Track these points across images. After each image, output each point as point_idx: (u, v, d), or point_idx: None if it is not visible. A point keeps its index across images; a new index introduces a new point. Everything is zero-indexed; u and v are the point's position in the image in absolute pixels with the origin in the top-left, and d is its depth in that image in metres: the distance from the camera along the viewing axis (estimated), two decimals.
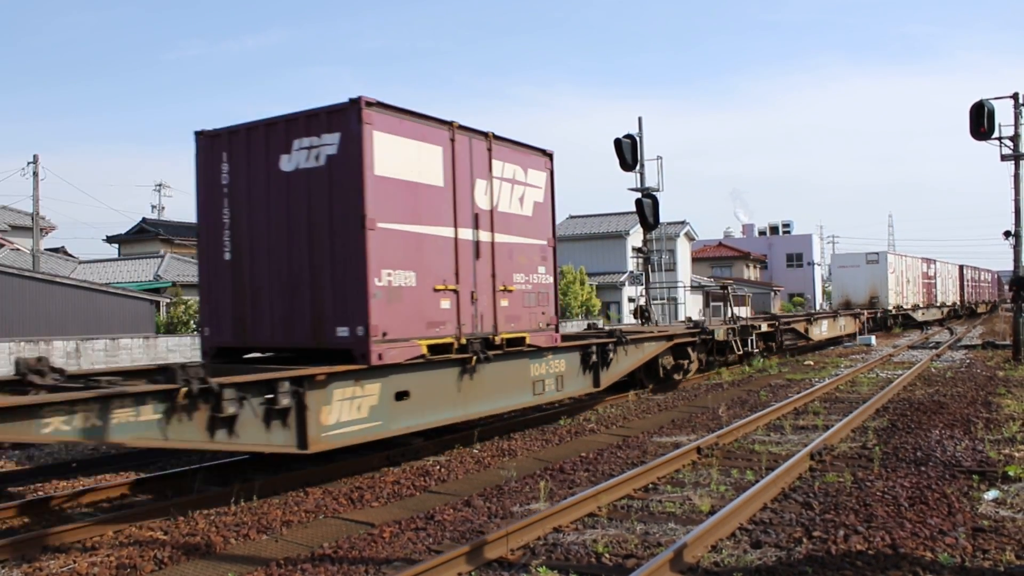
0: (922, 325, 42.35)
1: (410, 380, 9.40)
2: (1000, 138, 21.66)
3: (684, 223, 50.51)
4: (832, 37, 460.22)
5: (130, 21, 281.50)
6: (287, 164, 9.35)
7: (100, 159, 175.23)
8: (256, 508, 7.74)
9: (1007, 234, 22.25)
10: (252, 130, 9.66)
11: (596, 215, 49.80)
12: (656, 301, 26.81)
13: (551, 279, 12.14)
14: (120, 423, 6.79)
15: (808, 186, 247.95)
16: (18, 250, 38.51)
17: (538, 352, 11.72)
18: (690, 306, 45.29)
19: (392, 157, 9.15)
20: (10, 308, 22.77)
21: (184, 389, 7.14)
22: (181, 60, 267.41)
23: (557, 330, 12.16)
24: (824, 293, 75.51)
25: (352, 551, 6.31)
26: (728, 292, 22.46)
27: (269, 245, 9.50)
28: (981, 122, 21.10)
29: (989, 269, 75.02)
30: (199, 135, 10.10)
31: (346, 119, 8.90)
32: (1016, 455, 9.08)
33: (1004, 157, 21.86)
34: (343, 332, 8.88)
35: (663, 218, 22.42)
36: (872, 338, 30.76)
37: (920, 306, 43.79)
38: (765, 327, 22.69)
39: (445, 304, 9.87)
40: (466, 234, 10.30)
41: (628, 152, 21.41)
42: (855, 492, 7.62)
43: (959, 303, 55.69)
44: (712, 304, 49.21)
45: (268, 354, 10.45)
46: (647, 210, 20.91)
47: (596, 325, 17.93)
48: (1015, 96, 21.77)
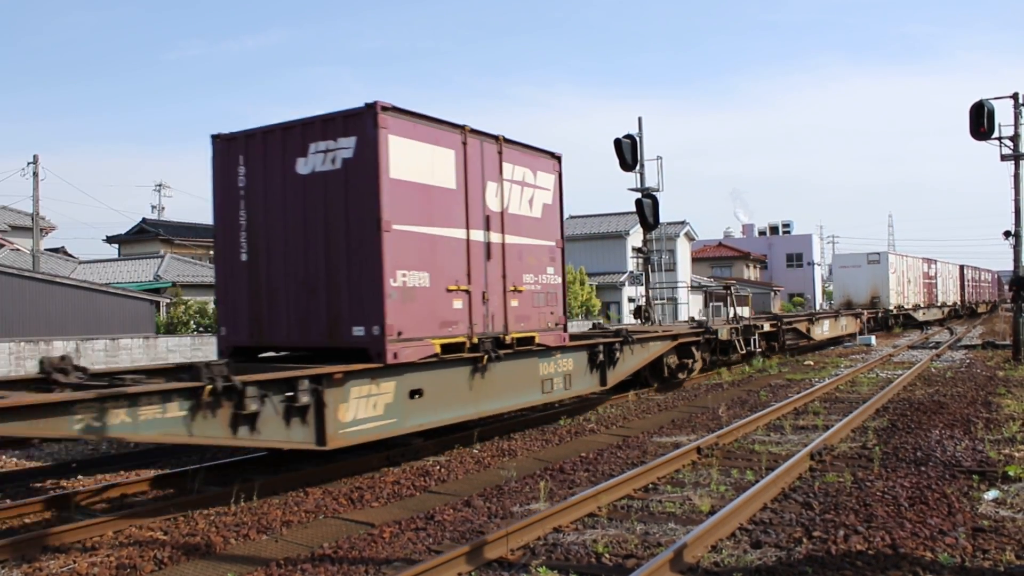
0: (923, 325, 42.37)
1: (424, 378, 9.57)
2: (1000, 138, 21.67)
3: (684, 223, 50.51)
4: (832, 37, 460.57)
5: (130, 21, 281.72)
6: (303, 167, 9.50)
7: (100, 159, 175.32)
8: (256, 508, 7.74)
9: (1007, 234, 22.26)
10: (268, 134, 9.80)
11: (596, 215, 49.78)
12: (656, 301, 26.81)
13: (559, 279, 12.32)
14: (147, 420, 6.95)
15: (808, 186, 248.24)
16: (18, 250, 38.51)
17: (547, 351, 11.85)
18: (690, 306, 45.28)
19: (406, 160, 9.31)
20: (10, 308, 22.77)
21: (209, 387, 7.28)
22: (181, 60, 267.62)
23: (565, 329, 12.29)
24: (824, 293, 75.51)
25: (352, 551, 6.31)
26: (731, 292, 22.62)
27: (285, 246, 9.65)
28: (981, 122, 21.10)
29: (989, 269, 75.13)
30: (215, 138, 10.26)
31: (362, 123, 9.05)
32: (1016, 455, 9.08)
33: (1004, 157, 21.86)
34: (359, 331, 9.04)
35: (663, 218, 22.44)
36: (872, 338, 30.76)
37: (921, 306, 43.83)
38: (768, 327, 22.85)
39: (457, 304, 10.03)
40: (478, 235, 10.48)
41: (628, 152, 21.42)
42: (855, 492, 7.62)
43: (960, 303, 55.76)
44: (712, 304, 49.33)
45: (282, 353, 10.58)
46: (647, 210, 20.92)
47: (601, 325, 18.00)
48: (1015, 96, 21.78)
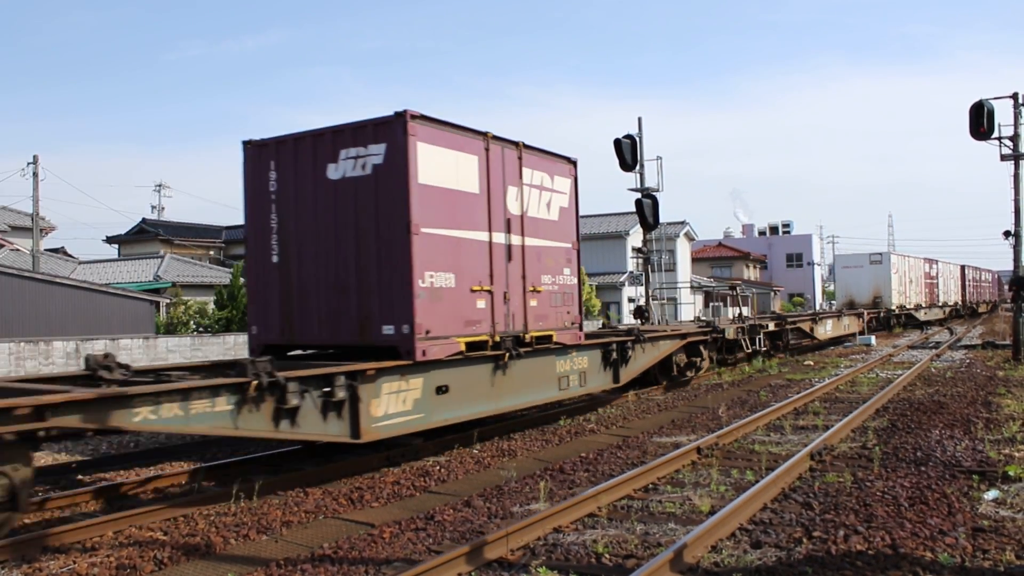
0: (925, 325, 42.46)
1: (449, 375, 9.95)
2: (1000, 138, 21.67)
3: (684, 223, 50.53)
4: (832, 37, 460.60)
5: (130, 21, 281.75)
6: (334, 173, 9.84)
7: (100, 159, 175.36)
8: (256, 508, 7.74)
9: (1007, 234, 22.27)
10: (299, 140, 10.15)
11: (596, 215, 49.74)
12: (656, 301, 26.87)
13: (575, 280, 12.71)
14: (198, 413, 7.25)
15: (808, 186, 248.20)
16: (18, 250, 38.51)
17: (563, 349, 12.22)
18: (690, 307, 45.28)
19: (433, 166, 9.67)
20: (10, 308, 22.78)
21: (255, 382, 7.59)
22: (181, 60, 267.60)
23: (581, 328, 12.66)
24: (824, 293, 75.51)
25: (352, 551, 6.31)
26: (737, 292, 22.99)
27: (316, 249, 10.00)
28: (981, 122, 21.11)
29: (989, 269, 75.15)
30: (247, 144, 10.59)
31: (392, 131, 9.40)
32: (1016, 455, 9.08)
33: (1004, 157, 21.86)
34: (388, 330, 9.40)
35: (663, 218, 22.48)
36: (872, 338, 30.79)
37: (923, 306, 43.93)
38: (772, 326, 23.28)
39: (481, 304, 10.41)
40: (499, 238, 10.85)
41: (628, 152, 21.42)
42: (855, 492, 7.62)
43: (961, 303, 55.86)
44: (712, 304, 49.34)
45: (308, 352, 10.87)
46: (647, 210, 20.92)
47: (611, 324, 18.22)
48: (1015, 96, 21.77)
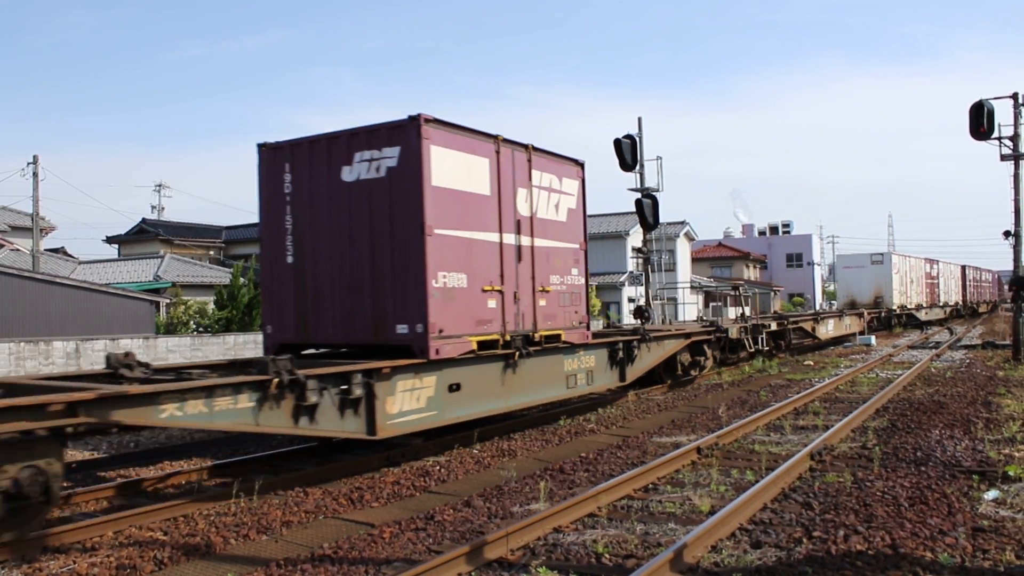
0: (925, 324, 42.54)
1: (461, 373, 10.15)
2: (1000, 138, 21.67)
3: (684, 223, 50.50)
4: (832, 37, 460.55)
5: (130, 21, 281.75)
6: (348, 175, 10.03)
7: (100, 159, 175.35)
8: (256, 508, 7.74)
9: (1007, 234, 22.27)
10: (314, 143, 10.32)
11: (596, 215, 49.65)
12: (657, 301, 26.90)
13: (583, 280, 12.88)
14: (221, 410, 7.41)
15: (808, 186, 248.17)
16: (18, 250, 38.48)
17: (571, 348, 12.41)
18: (689, 307, 45.26)
19: (446, 169, 9.86)
20: (10, 308, 22.76)
21: (276, 380, 7.77)
22: (181, 60, 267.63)
23: (588, 328, 12.84)
24: (824, 293, 75.50)
25: (352, 551, 6.31)
26: (740, 293, 23.19)
27: (331, 249, 10.17)
28: (981, 122, 21.10)
29: (989, 269, 75.15)
30: (262, 147, 10.71)
31: (406, 134, 9.59)
32: (1016, 455, 9.08)
33: (1004, 157, 21.86)
34: (403, 329, 9.60)
35: (663, 218, 22.46)
36: (872, 338, 30.81)
37: (924, 306, 44.00)
38: (775, 326, 23.48)
39: (492, 304, 10.61)
40: (509, 239, 11.06)
41: (628, 152, 21.40)
42: (855, 492, 7.62)
43: (961, 303, 55.92)
44: (712, 304, 49.34)
45: (322, 350, 10.99)
46: (647, 210, 20.90)
47: (616, 324, 18.39)
48: (1015, 96, 21.77)
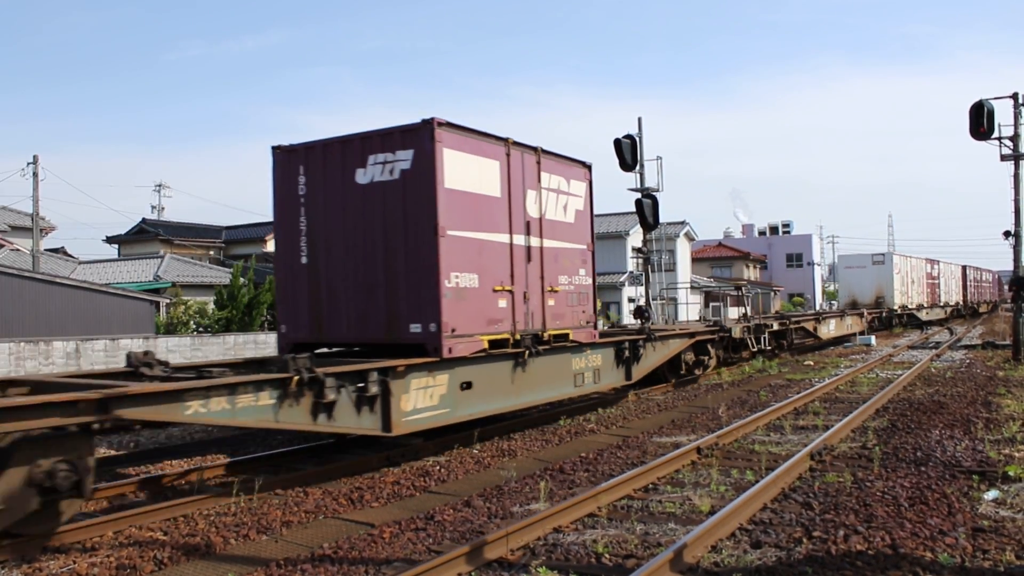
0: (927, 324, 42.59)
1: (473, 372, 10.31)
2: (1000, 138, 21.66)
3: (684, 223, 50.50)
4: (832, 37, 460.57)
5: (130, 21, 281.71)
6: (362, 177, 10.18)
7: (100, 159, 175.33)
8: (256, 508, 7.74)
9: (1007, 234, 22.26)
10: (328, 146, 10.48)
11: (596, 215, 49.49)
12: (657, 301, 26.93)
13: (590, 280, 13.07)
14: (243, 407, 7.58)
15: (808, 186, 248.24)
16: (18, 250, 38.47)
17: (579, 347, 12.60)
18: (690, 306, 45.26)
19: (458, 171, 10.04)
20: (10, 308, 22.76)
21: (296, 378, 7.92)
22: (181, 60, 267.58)
23: (595, 327, 13.06)
24: (824, 293, 75.49)
25: (352, 551, 6.31)
26: (743, 293, 23.47)
27: (345, 250, 10.32)
28: (981, 122, 21.09)
29: (989, 269, 75.14)
30: (276, 149, 10.83)
31: (419, 138, 9.76)
32: (1016, 455, 9.08)
33: (1004, 157, 21.85)
34: (416, 328, 9.78)
35: (663, 218, 22.44)
36: (872, 338, 30.83)
37: (925, 306, 44.07)
38: (777, 325, 23.66)
39: (502, 303, 10.80)
40: (519, 240, 11.25)
41: (628, 152, 21.37)
42: (855, 492, 7.62)
43: (962, 303, 55.95)
44: (712, 304, 49.34)
45: (334, 349, 11.14)
46: (647, 210, 20.88)
47: (620, 324, 18.55)
48: (1015, 96, 21.76)
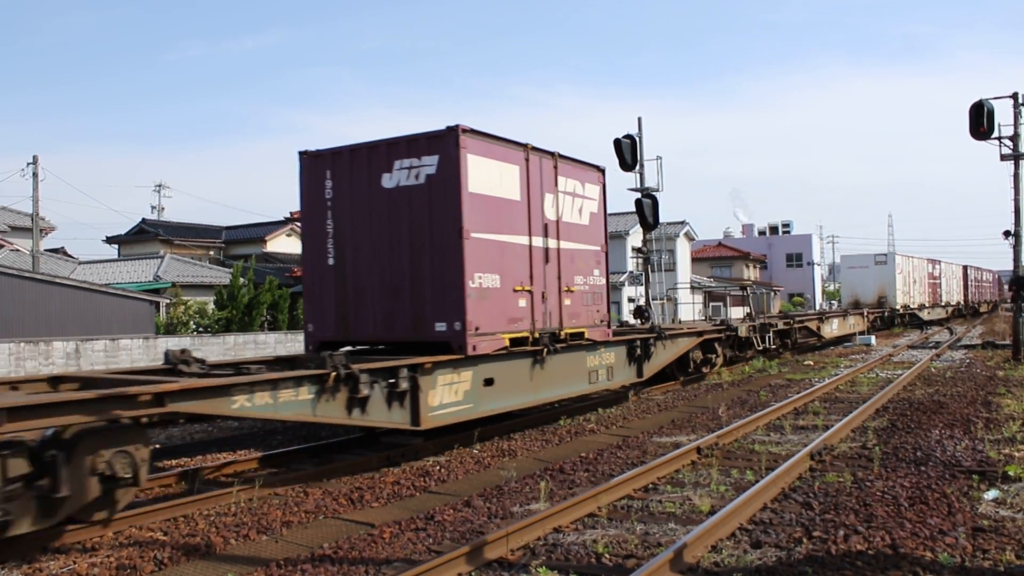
0: (928, 324, 42.72)
1: (495, 369, 10.71)
2: (1000, 138, 21.66)
3: (684, 223, 50.50)
4: (832, 37, 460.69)
5: (130, 21, 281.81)
6: (388, 181, 10.55)
7: (100, 159, 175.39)
8: (256, 508, 7.74)
9: (1007, 234, 22.27)
10: (355, 152, 10.82)
11: None
12: (657, 301, 26.98)
13: (604, 280, 13.45)
14: (285, 401, 7.95)
15: (808, 186, 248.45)
16: (18, 251, 38.46)
17: (593, 345, 13.01)
18: (690, 306, 45.24)
19: (481, 176, 10.40)
20: (10, 308, 22.76)
21: (334, 373, 8.30)
22: (181, 60, 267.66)
23: (609, 326, 13.48)
24: (824, 293, 75.50)
25: (352, 551, 6.31)
26: (747, 293, 23.83)
27: (371, 252, 10.69)
28: (981, 122, 21.09)
29: (990, 269, 75.15)
30: (303, 155, 11.23)
31: (444, 144, 10.12)
32: (1016, 455, 9.08)
33: (1004, 157, 21.85)
34: (441, 327, 10.14)
35: (663, 218, 22.45)
36: (872, 338, 30.89)
37: (926, 305, 44.19)
38: (781, 325, 24.11)
39: (522, 303, 11.19)
40: (538, 242, 11.68)
41: (628, 152, 21.38)
42: (855, 492, 7.62)
43: (963, 303, 56.03)
44: (712, 304, 49.36)
45: (359, 347, 11.42)
46: (647, 210, 20.89)
47: (628, 323, 18.92)
48: (1015, 96, 21.76)
